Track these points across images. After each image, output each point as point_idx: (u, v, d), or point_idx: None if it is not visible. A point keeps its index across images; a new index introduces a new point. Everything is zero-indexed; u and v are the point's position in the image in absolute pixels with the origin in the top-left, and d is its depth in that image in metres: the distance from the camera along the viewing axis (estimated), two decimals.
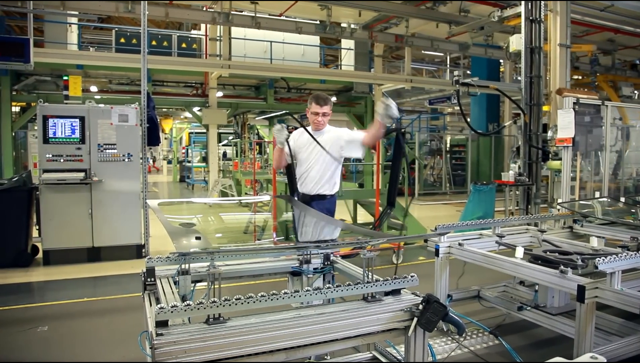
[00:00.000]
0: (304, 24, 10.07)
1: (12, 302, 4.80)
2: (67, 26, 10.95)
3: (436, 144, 15.17)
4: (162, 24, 17.57)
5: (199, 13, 9.46)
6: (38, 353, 3.54)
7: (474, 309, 4.21)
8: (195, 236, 2.48)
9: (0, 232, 5.78)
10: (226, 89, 14.06)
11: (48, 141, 5.89)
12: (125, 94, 12.60)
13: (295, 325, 2.04)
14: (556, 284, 2.95)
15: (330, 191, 3.87)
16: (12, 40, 5.76)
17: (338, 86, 14.02)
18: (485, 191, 7.11)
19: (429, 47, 11.03)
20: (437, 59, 20.37)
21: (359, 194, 7.88)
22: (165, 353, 1.82)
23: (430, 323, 2.16)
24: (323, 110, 3.67)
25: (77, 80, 6.17)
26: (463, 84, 7.14)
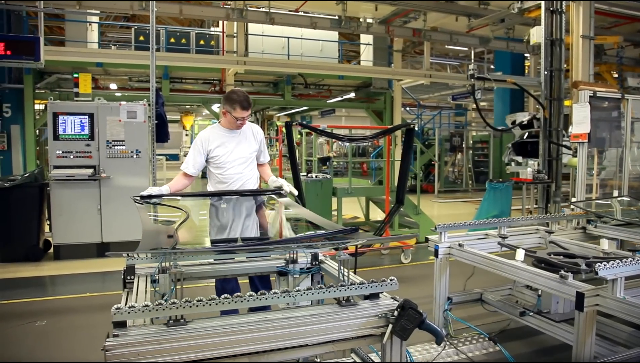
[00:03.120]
0: (319, 19, 9.95)
1: (18, 296, 4.88)
2: (88, 25, 11.13)
3: (458, 141, 14.81)
4: (185, 22, 17.76)
5: (213, 9, 9.47)
6: (27, 348, 3.56)
7: (477, 313, 4.04)
8: (167, 235, 2.41)
9: (13, 227, 5.90)
10: (244, 86, 14.07)
11: (58, 138, 5.97)
12: (145, 91, 12.73)
13: (259, 329, 1.94)
14: (556, 290, 2.76)
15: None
16: (23, 39, 5.85)
17: (357, 81, 13.84)
18: (501, 188, 6.86)
19: (448, 41, 10.75)
20: (461, 54, 19.94)
21: (369, 191, 7.73)
22: (117, 355, 1.75)
23: (404, 330, 2.03)
24: (247, 113, 3.41)
25: (87, 78, 6.23)
26: (478, 78, 6.88)
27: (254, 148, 3.54)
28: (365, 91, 14.14)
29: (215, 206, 3.38)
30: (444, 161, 14.90)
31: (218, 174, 3.46)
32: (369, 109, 14.16)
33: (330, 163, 7.30)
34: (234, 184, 3.45)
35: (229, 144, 3.43)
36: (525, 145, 6.75)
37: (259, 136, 3.58)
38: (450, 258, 3.74)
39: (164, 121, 6.53)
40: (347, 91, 14.41)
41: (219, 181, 3.47)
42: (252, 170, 3.54)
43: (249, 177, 3.51)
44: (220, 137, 3.44)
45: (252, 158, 3.53)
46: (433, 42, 12.37)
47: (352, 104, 15.46)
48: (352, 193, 6.99)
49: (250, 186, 3.53)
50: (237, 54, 11.11)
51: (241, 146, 3.46)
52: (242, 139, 3.47)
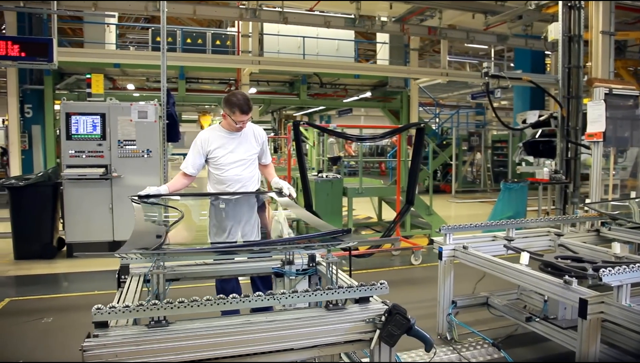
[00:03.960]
0: (332, 18, 9.88)
1: (30, 293, 4.97)
2: (105, 27, 11.31)
3: (476, 140, 14.55)
4: (204, 22, 17.92)
5: (227, 10, 9.50)
6: (29, 344, 3.61)
7: (485, 317, 3.93)
8: (156, 235, 2.39)
9: (27, 225, 6.01)
10: (260, 85, 14.11)
11: (71, 138, 6.06)
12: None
13: (241, 332, 1.91)
14: (560, 295, 2.66)
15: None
16: (36, 40, 5.96)
17: (373, 80, 13.72)
18: (516, 189, 6.69)
19: (464, 39, 10.55)
20: (480, 52, 19.60)
21: (381, 191, 7.64)
22: (95, 356, 1.75)
23: (391, 336, 1.97)
24: (247, 117, 3.38)
25: (99, 78, 6.31)
26: (493, 77, 6.74)
27: (254, 150, 3.50)
28: (381, 90, 14.01)
29: (212, 206, 3.37)
30: (462, 161, 14.66)
31: (217, 174, 3.44)
32: (385, 109, 14.03)
33: (341, 163, 7.24)
34: (233, 186, 3.43)
35: (229, 146, 3.41)
36: (537, 144, 6.57)
37: (260, 138, 3.55)
38: (455, 261, 3.65)
39: (175, 121, 6.57)
40: (364, 90, 14.31)
41: (218, 182, 3.45)
42: (251, 171, 3.51)
43: (248, 178, 3.49)
44: (220, 138, 3.42)
45: (251, 160, 3.50)
46: (451, 41, 12.19)
47: (368, 104, 15.35)
48: (363, 193, 6.92)
49: (249, 187, 3.50)
50: (252, 53, 11.13)
51: (241, 148, 3.43)
52: (242, 141, 3.44)
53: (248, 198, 3.48)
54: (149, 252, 1.99)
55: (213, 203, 3.40)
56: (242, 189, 3.45)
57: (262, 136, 3.58)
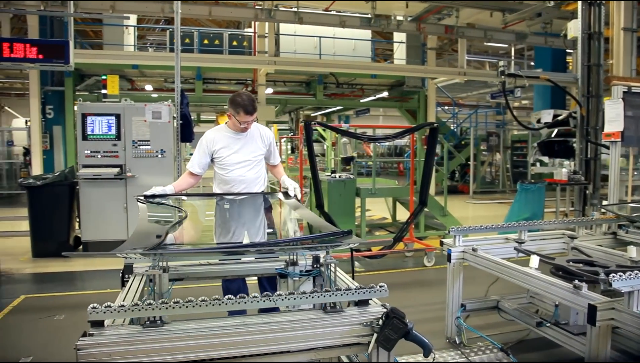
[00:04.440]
0: (348, 17, 9.84)
1: (45, 290, 5.07)
2: (124, 28, 11.48)
3: (495, 140, 14.31)
4: (222, 24, 18.06)
5: (242, 10, 9.53)
6: (40, 341, 3.66)
7: (495, 321, 3.85)
8: (156, 235, 2.39)
9: (45, 224, 6.14)
10: (277, 86, 14.14)
11: (87, 138, 6.16)
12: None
13: (236, 333, 1.90)
14: (569, 300, 2.58)
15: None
16: (53, 43, 6.07)
17: (390, 80, 13.63)
18: (533, 190, 6.54)
19: (482, 38, 10.38)
20: (501, 51, 19.28)
21: (394, 191, 7.56)
22: (89, 355, 1.75)
23: (388, 341, 1.93)
24: (252, 118, 3.34)
25: (114, 79, 6.40)
26: (509, 75, 6.61)
27: (260, 150, 3.49)
28: (398, 90, 13.90)
29: (217, 206, 3.37)
30: (481, 161, 14.44)
31: (222, 174, 3.44)
32: (402, 108, 13.92)
33: (354, 163, 7.19)
34: (237, 186, 3.43)
35: (234, 146, 3.40)
36: (552, 144, 6.41)
37: (267, 139, 3.53)
38: (464, 263, 3.58)
39: (189, 121, 6.61)
40: (380, 90, 14.22)
41: (223, 182, 3.45)
42: (257, 172, 3.50)
43: (253, 179, 3.47)
44: (225, 138, 3.42)
45: (257, 161, 3.48)
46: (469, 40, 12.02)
47: (385, 103, 15.25)
48: (376, 194, 6.86)
49: (254, 188, 3.49)
50: (268, 54, 11.16)
51: (246, 149, 3.42)
52: (248, 141, 3.43)
53: (253, 198, 3.47)
54: (142, 252, 1.98)
55: (218, 203, 3.40)
56: (247, 190, 3.44)
57: (269, 136, 3.56)
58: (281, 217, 3.44)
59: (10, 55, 5.63)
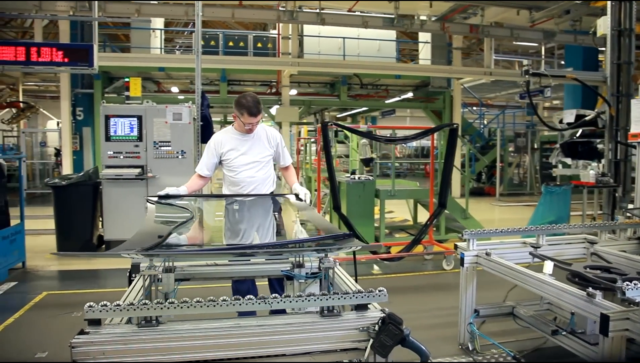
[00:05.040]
0: (370, 18, 9.77)
1: (66, 287, 5.22)
2: (151, 32, 11.73)
3: (523, 141, 13.94)
4: (250, 26, 18.23)
5: (264, 12, 9.59)
6: (55, 337, 3.75)
7: (511, 327, 3.73)
8: (157, 236, 2.41)
9: (69, 222, 6.32)
10: (301, 87, 14.18)
11: (109, 139, 6.30)
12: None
13: (230, 335, 1.89)
14: (582, 309, 2.47)
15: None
16: (78, 46, 6.25)
17: (415, 81, 13.47)
18: (558, 192, 6.32)
19: (508, 36, 10.13)
20: (531, 50, 18.80)
21: (414, 193, 7.45)
22: (83, 353, 1.78)
23: (384, 347, 1.88)
24: (257, 119, 3.34)
25: (137, 82, 6.53)
26: (534, 75, 6.42)
27: (267, 152, 3.48)
28: (423, 90, 13.74)
29: (226, 208, 3.38)
30: (508, 163, 14.10)
31: (230, 176, 3.46)
32: (427, 109, 13.73)
33: (374, 164, 7.11)
34: (246, 188, 3.44)
35: (241, 148, 3.41)
36: (575, 146, 6.18)
37: (274, 141, 3.52)
38: (477, 268, 3.48)
39: (209, 122, 6.68)
40: (405, 90, 14.07)
41: (231, 183, 3.47)
42: (265, 173, 3.49)
43: (262, 180, 3.47)
44: (232, 140, 3.43)
45: (264, 162, 3.48)
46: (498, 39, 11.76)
47: (410, 104, 15.08)
48: (396, 195, 6.77)
49: (263, 189, 3.49)
50: (291, 55, 11.20)
51: (253, 150, 3.43)
52: (255, 143, 3.44)
53: (262, 200, 3.47)
54: (136, 252, 1.99)
55: (227, 204, 3.42)
56: (256, 191, 3.44)
57: (276, 138, 3.55)
58: (288, 219, 3.43)
59: (38, 59, 5.82)
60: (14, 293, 4.89)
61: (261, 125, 3.53)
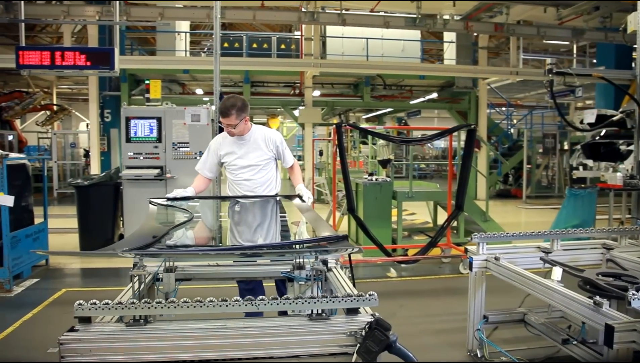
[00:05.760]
0: (392, 18, 9.67)
1: (85, 284, 5.36)
2: (176, 34, 11.95)
3: (551, 142, 13.53)
4: (276, 27, 18.35)
5: (285, 14, 9.63)
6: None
7: (524, 335, 3.61)
8: (152, 236, 2.45)
9: (91, 221, 6.49)
10: (325, 88, 14.17)
11: (130, 140, 6.43)
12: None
13: (216, 336, 1.90)
14: (589, 318, 2.36)
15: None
16: (99, 50, 6.42)
17: (440, 81, 13.27)
18: (583, 195, 6.10)
19: (534, 35, 9.84)
20: (562, 48, 18.24)
21: (432, 195, 7.32)
22: (70, 350, 1.81)
23: (369, 353, 1.85)
24: (228, 122, 3.31)
25: (157, 84, 6.66)
26: (558, 74, 6.21)
27: (266, 155, 3.47)
28: (448, 90, 13.52)
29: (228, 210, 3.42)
30: (536, 164, 13.72)
31: (231, 178, 3.51)
32: (452, 110, 13.51)
33: (391, 165, 7.04)
34: (245, 190, 3.46)
35: (238, 151, 3.44)
36: (597, 147, 5.94)
37: (272, 143, 3.50)
38: (487, 272, 3.39)
39: None
40: (430, 91, 13.89)
41: (232, 185, 3.53)
42: (265, 175, 3.49)
43: (260, 183, 3.47)
44: (230, 143, 3.45)
45: (263, 165, 3.47)
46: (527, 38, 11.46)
47: (434, 105, 14.88)
48: (413, 197, 6.67)
49: (264, 191, 3.50)
50: (313, 56, 11.21)
51: (250, 154, 3.43)
52: (251, 146, 3.44)
53: (262, 201, 3.48)
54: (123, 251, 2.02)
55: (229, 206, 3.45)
56: (256, 193, 3.46)
57: (274, 139, 3.52)
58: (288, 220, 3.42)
59: (62, 62, 6.00)
60: (35, 289, 5.05)
61: (260, 127, 3.56)
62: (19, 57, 5.89)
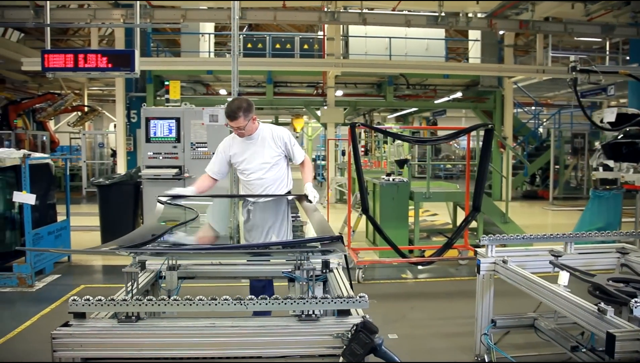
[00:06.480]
0: (413, 16, 9.56)
1: (104, 281, 5.50)
2: (200, 36, 12.13)
3: (580, 142, 13.10)
4: (302, 28, 18.44)
5: (306, 14, 9.66)
6: None
7: (535, 340, 3.51)
8: (152, 234, 2.49)
9: (112, 219, 6.65)
10: (348, 88, 14.13)
11: (150, 140, 6.57)
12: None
13: (203, 334, 1.92)
14: (593, 325, 2.27)
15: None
16: (120, 52, 6.57)
17: (464, 80, 13.05)
18: (607, 197, 5.88)
19: (561, 32, 9.55)
20: (595, 45, 17.65)
21: (450, 196, 7.19)
22: (62, 344, 1.86)
23: (354, 355, 1.83)
24: (237, 124, 3.29)
25: (176, 85, 6.78)
26: (582, 71, 6.03)
27: (274, 152, 3.48)
28: (473, 90, 13.28)
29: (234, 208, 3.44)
30: (565, 165, 13.32)
31: (242, 178, 3.55)
32: (476, 109, 13.25)
33: (409, 165, 6.95)
34: (256, 189, 3.48)
35: (247, 151, 3.46)
36: (619, 147, 5.71)
37: (280, 140, 3.50)
38: (495, 276, 3.31)
39: None
40: (454, 90, 13.67)
41: (244, 184, 3.57)
42: (276, 174, 3.50)
43: (271, 181, 3.49)
44: (239, 143, 3.48)
45: (273, 163, 3.48)
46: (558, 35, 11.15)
47: (459, 104, 14.63)
48: (431, 198, 6.58)
49: (275, 189, 3.51)
50: (335, 56, 11.19)
51: (259, 153, 3.45)
52: (260, 145, 3.45)
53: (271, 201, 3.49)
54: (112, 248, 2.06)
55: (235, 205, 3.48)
56: (267, 192, 3.47)
57: (283, 137, 3.52)
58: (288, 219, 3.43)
59: (84, 65, 6.18)
60: (56, 284, 5.21)
61: (268, 125, 3.56)
62: (44, 60, 6.10)
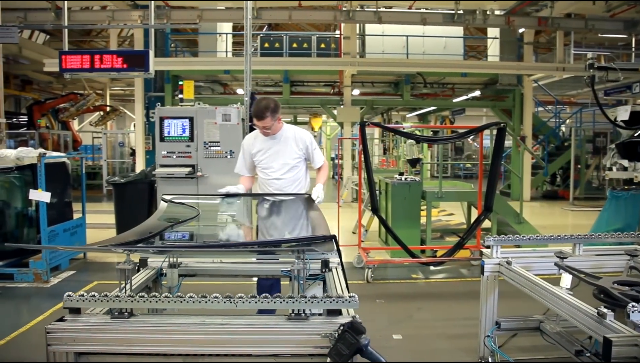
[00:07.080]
0: (429, 14, 9.47)
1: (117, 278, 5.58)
2: (217, 36, 12.25)
3: (602, 142, 12.77)
4: (321, 27, 18.43)
5: (321, 13, 9.67)
6: None
7: (542, 343, 3.44)
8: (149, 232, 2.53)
9: (127, 217, 6.77)
10: (365, 87, 14.07)
11: (164, 140, 6.66)
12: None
13: (193, 331, 1.94)
14: (592, 330, 2.22)
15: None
16: (135, 52, 6.68)
17: (483, 78, 12.85)
18: (626, 197, 5.72)
19: (582, 28, 9.34)
20: (620, 42, 17.17)
21: (463, 195, 7.10)
22: (55, 338, 1.91)
23: (340, 355, 1.82)
24: (264, 124, 3.37)
25: (190, 84, 6.86)
26: (600, 68, 5.89)
27: (296, 154, 3.53)
28: (492, 88, 13.07)
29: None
30: (586, 165, 13.01)
31: (261, 176, 3.62)
32: (495, 108, 13.05)
33: (421, 165, 6.89)
34: (275, 188, 3.54)
35: (269, 150, 3.52)
36: (634, 146, 5.54)
37: (302, 143, 3.55)
38: (500, 277, 3.26)
39: None
40: (473, 89, 13.49)
41: (262, 183, 3.62)
42: (295, 175, 3.56)
43: (290, 182, 3.55)
44: (262, 142, 3.54)
45: (292, 164, 3.53)
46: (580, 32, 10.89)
47: (477, 103, 14.44)
48: (443, 197, 6.51)
49: (291, 189, 3.55)
50: (351, 55, 11.17)
51: (281, 152, 3.50)
52: (283, 145, 3.51)
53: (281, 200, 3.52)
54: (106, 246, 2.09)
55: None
56: (285, 192, 3.52)
57: (305, 139, 3.56)
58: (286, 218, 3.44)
59: (100, 66, 6.30)
60: (70, 280, 5.34)
61: (291, 127, 3.64)
62: (61, 61, 6.24)
